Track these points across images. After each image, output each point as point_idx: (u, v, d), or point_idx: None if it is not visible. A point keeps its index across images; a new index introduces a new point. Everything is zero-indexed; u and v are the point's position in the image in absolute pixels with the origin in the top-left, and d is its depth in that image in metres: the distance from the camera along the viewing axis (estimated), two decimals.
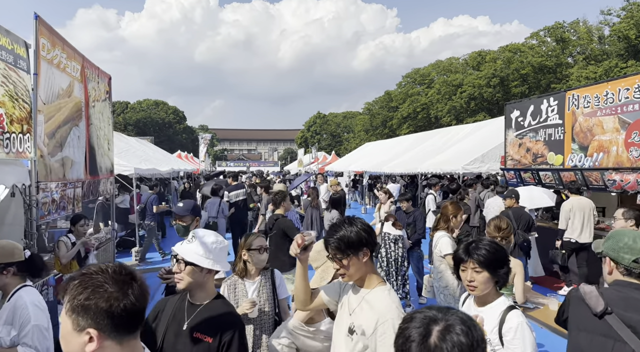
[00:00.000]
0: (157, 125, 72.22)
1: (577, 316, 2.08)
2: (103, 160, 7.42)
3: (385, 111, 51.36)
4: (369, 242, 1.92)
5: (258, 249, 2.95)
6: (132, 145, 15.92)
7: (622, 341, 1.89)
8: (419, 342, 1.05)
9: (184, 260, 1.96)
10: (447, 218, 4.29)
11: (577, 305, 2.09)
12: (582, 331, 2.04)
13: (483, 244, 2.14)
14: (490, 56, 43.83)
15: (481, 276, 2.09)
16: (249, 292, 2.97)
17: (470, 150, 11.77)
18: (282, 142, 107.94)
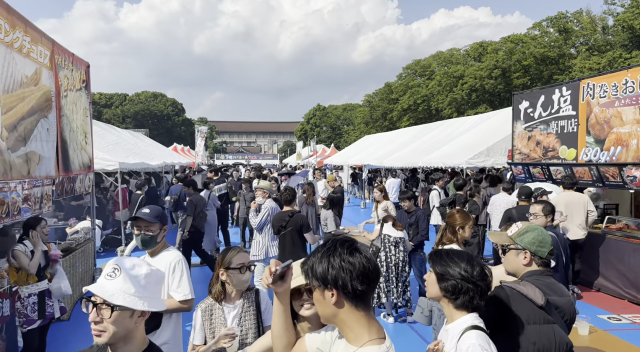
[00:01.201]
0: (155, 117, 71.67)
1: (524, 311, 2.17)
2: (79, 154, 6.88)
3: (385, 103, 50.72)
4: (338, 284, 1.35)
5: (239, 267, 2.43)
6: (124, 138, 15.38)
7: (555, 323, 2.15)
8: None
9: (106, 303, 1.41)
10: (454, 230, 3.70)
11: (519, 301, 2.19)
12: (531, 323, 2.16)
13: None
14: (492, 47, 43.14)
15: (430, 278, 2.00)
16: (229, 319, 2.46)
17: (474, 143, 11.23)
18: (282, 135, 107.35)
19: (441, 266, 1.95)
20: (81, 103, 7.26)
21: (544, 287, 2.26)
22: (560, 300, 2.28)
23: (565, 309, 2.28)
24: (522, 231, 2.46)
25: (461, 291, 1.87)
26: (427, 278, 2.05)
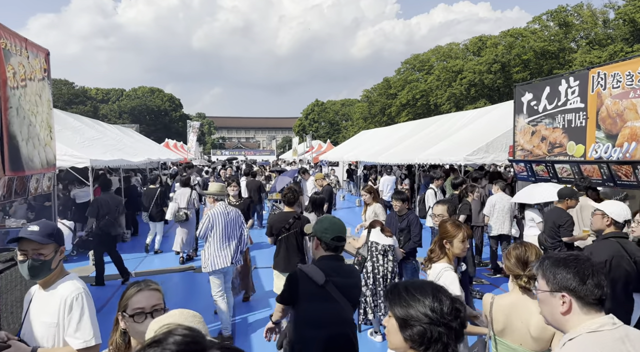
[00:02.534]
0: (152, 113, 71.10)
1: (306, 290, 2.45)
2: (41, 151, 6.25)
3: (384, 98, 50.10)
4: None
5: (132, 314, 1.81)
6: (108, 134, 14.72)
7: (335, 301, 2.47)
8: None
9: None
10: (442, 244, 3.12)
11: (304, 281, 2.47)
12: (311, 301, 2.46)
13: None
14: (492, 41, 42.49)
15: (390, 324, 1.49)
16: None
17: (473, 138, 10.60)
18: (281, 130, 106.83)
19: (401, 307, 1.41)
20: (45, 95, 6.62)
21: (330, 269, 2.56)
22: (344, 281, 2.57)
23: (348, 289, 2.58)
24: (317, 220, 2.87)
25: (431, 339, 1.38)
26: (386, 324, 1.49)
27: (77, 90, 63.67)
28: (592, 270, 1.59)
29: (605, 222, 3.55)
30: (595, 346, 1.49)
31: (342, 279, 2.59)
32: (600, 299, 1.59)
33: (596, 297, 1.58)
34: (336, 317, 2.50)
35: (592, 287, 1.58)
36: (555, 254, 1.74)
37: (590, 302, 1.58)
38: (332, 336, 2.49)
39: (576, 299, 1.59)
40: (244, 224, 5.32)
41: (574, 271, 1.60)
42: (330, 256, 2.70)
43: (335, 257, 2.70)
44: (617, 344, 1.50)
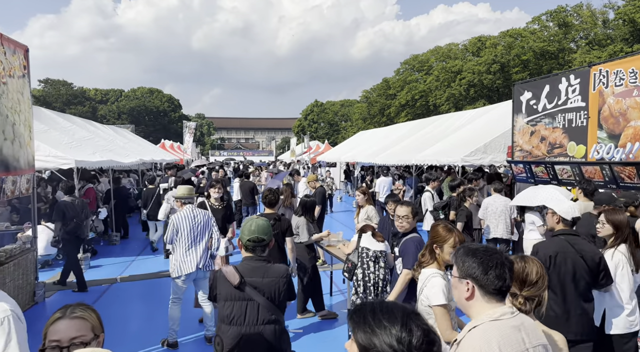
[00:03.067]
0: (151, 113, 70.93)
1: (223, 289, 2.69)
2: (25, 152, 6.01)
3: (383, 99, 49.89)
4: None
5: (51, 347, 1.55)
6: (99, 134, 14.48)
7: (252, 300, 2.66)
8: None
9: None
10: (432, 249, 2.93)
11: (222, 281, 2.70)
12: (228, 300, 2.68)
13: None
14: (491, 42, 42.29)
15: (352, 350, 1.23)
16: None
17: (471, 139, 10.35)
18: (280, 131, 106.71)
19: (365, 333, 1.18)
20: (26, 93, 6.37)
21: (247, 270, 2.71)
22: (260, 281, 2.70)
23: (265, 288, 2.69)
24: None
25: None
26: (348, 349, 1.24)
27: (76, 91, 63.44)
28: (497, 262, 1.68)
29: (555, 220, 3.60)
30: (496, 332, 1.62)
31: (260, 279, 2.71)
32: (501, 290, 1.69)
33: (496, 288, 1.69)
34: (253, 316, 2.65)
35: (494, 278, 1.67)
36: (471, 244, 1.84)
37: (490, 292, 1.69)
38: (247, 334, 2.64)
39: (478, 287, 1.71)
40: (214, 227, 5.08)
41: (479, 261, 1.70)
42: (249, 257, 2.80)
43: (255, 258, 2.79)
44: (514, 331, 1.65)
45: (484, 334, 1.63)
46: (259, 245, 2.79)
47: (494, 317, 1.67)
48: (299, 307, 5.71)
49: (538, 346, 1.70)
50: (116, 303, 6.37)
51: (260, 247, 2.80)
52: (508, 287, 1.73)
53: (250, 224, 2.83)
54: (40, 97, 58.06)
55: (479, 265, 1.70)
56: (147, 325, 5.52)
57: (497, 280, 1.68)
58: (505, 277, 1.69)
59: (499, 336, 1.62)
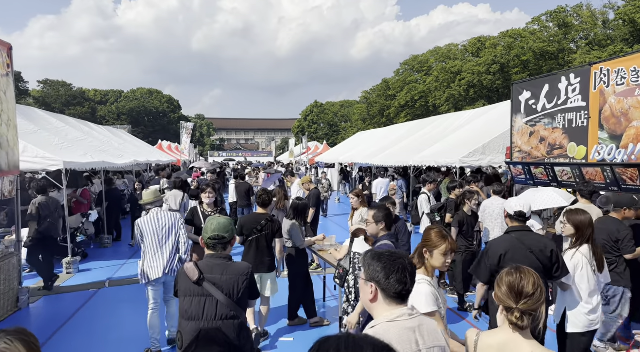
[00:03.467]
0: (151, 114, 70.85)
1: (184, 286, 2.79)
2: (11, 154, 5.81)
3: (383, 100, 49.74)
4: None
5: None
6: (93, 135, 14.31)
7: (211, 296, 2.72)
8: None
9: None
10: (421, 253, 2.76)
11: (183, 277, 2.80)
12: (187, 296, 2.76)
13: None
14: (491, 42, 42.15)
15: None
16: None
17: (469, 140, 10.18)
18: (280, 132, 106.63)
19: None
20: (11, 92, 6.18)
21: (207, 267, 2.78)
22: (219, 278, 2.75)
23: (224, 285, 2.74)
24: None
25: None
26: None
27: (75, 91, 63.28)
28: (399, 268, 1.78)
29: (506, 217, 3.68)
30: (389, 333, 1.70)
31: (219, 276, 2.77)
32: (401, 294, 1.78)
33: (397, 292, 1.78)
34: (211, 312, 2.72)
35: (395, 282, 1.77)
36: (379, 249, 1.99)
37: (391, 295, 1.78)
38: (205, 329, 2.71)
39: (381, 290, 1.79)
40: (181, 229, 4.88)
41: (383, 265, 1.79)
42: (211, 254, 2.86)
43: (216, 256, 2.84)
44: (408, 332, 1.73)
45: (386, 334, 1.69)
46: (219, 243, 2.85)
47: (390, 318, 1.76)
48: (290, 313, 5.52)
49: (434, 347, 1.76)
50: (101, 310, 6.18)
51: (221, 245, 2.85)
52: (408, 291, 1.82)
53: (212, 223, 2.87)
54: (39, 98, 57.92)
55: (382, 269, 1.79)
56: (131, 333, 5.32)
57: (398, 284, 1.77)
58: (406, 281, 1.78)
59: (389, 336, 1.68)
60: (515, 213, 3.60)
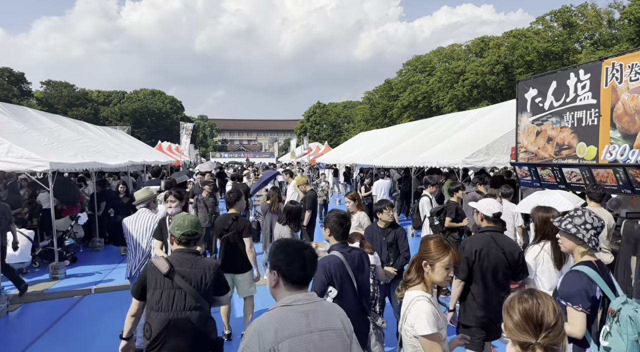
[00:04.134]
0: (154, 115, 70.79)
1: (153, 278, 2.87)
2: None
3: (386, 100, 49.41)
4: None
5: None
6: (88, 135, 14.03)
7: (180, 288, 2.84)
8: None
9: None
10: (420, 267, 2.42)
11: (152, 270, 2.89)
12: (157, 288, 2.84)
13: None
14: (494, 42, 41.76)
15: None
16: None
17: (473, 140, 9.83)
18: (283, 133, 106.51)
19: None
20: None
21: (177, 261, 2.91)
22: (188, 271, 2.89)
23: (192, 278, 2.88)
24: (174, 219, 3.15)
25: None
26: None
27: (78, 92, 63.22)
28: (300, 256, 1.89)
29: (479, 218, 3.84)
30: (278, 316, 1.78)
31: (188, 269, 2.89)
32: (301, 280, 1.88)
33: (297, 278, 1.88)
34: (180, 303, 2.83)
35: (295, 269, 1.87)
36: (285, 239, 2.05)
37: (292, 281, 1.87)
38: (174, 319, 2.81)
39: (282, 278, 1.88)
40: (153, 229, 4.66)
41: (285, 254, 1.89)
42: (181, 249, 3.00)
43: (186, 251, 2.99)
44: (300, 316, 1.80)
45: (268, 317, 1.79)
46: (192, 238, 3.01)
47: (286, 303, 1.83)
48: None
49: (327, 330, 1.82)
50: (84, 318, 5.86)
51: (193, 240, 3.03)
52: (309, 277, 1.91)
53: (183, 220, 3.02)
54: (42, 99, 57.87)
55: (285, 258, 1.89)
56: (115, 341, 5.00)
57: (299, 271, 1.87)
58: (305, 268, 1.88)
59: (280, 320, 1.77)
60: (493, 215, 3.75)
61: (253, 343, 1.71)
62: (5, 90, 47.96)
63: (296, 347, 1.72)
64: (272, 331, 1.71)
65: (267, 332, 1.72)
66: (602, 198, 5.36)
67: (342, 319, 1.93)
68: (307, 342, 1.75)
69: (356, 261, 3.23)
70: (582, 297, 2.51)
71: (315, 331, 1.79)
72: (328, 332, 1.82)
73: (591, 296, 2.52)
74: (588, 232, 2.63)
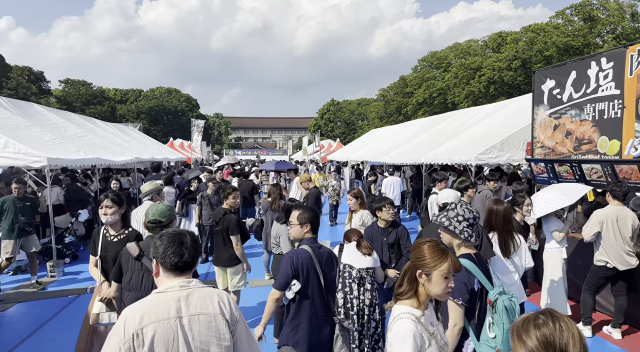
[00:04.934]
0: (169, 113, 71.31)
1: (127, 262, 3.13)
2: None
3: (400, 97, 48.75)
4: None
5: None
6: (96, 131, 13.97)
7: (148, 270, 3.01)
8: None
9: None
10: (413, 277, 2.04)
11: (126, 255, 3.14)
12: (129, 270, 3.11)
13: None
14: (512, 37, 40.77)
15: None
16: None
17: (486, 135, 9.39)
18: (297, 130, 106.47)
19: None
20: None
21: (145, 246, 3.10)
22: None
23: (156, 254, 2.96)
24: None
25: None
26: None
27: (95, 91, 64.06)
28: (175, 242, 1.95)
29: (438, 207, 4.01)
30: (147, 302, 1.83)
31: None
32: (177, 266, 1.92)
33: (172, 264, 1.92)
34: (148, 284, 3.00)
35: (170, 255, 1.92)
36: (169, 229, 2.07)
37: (168, 268, 1.93)
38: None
39: (161, 265, 1.95)
40: None
41: (160, 242, 1.97)
42: (150, 235, 3.27)
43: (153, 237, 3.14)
44: (171, 301, 1.84)
45: (138, 303, 1.82)
46: (157, 225, 3.25)
47: (160, 290, 1.88)
48: (275, 329, 4.89)
49: (198, 315, 1.83)
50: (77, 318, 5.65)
51: (159, 227, 3.23)
52: (185, 263, 1.91)
53: (151, 209, 3.29)
54: (61, 98, 58.76)
55: (160, 245, 1.93)
56: None
57: (174, 256, 1.89)
58: (181, 253, 1.91)
59: (148, 305, 1.79)
60: (442, 204, 4.08)
61: (119, 328, 1.74)
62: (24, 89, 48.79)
63: (161, 331, 1.75)
64: (138, 316, 1.75)
65: (133, 317, 1.76)
66: (626, 196, 4.93)
67: (222, 305, 1.93)
68: (174, 327, 1.77)
69: (325, 258, 3.14)
70: (462, 290, 2.51)
71: (186, 316, 1.81)
72: (199, 317, 1.83)
73: (469, 288, 2.53)
74: (460, 224, 2.70)
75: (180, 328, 1.78)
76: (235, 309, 1.97)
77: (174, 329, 1.77)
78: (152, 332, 1.73)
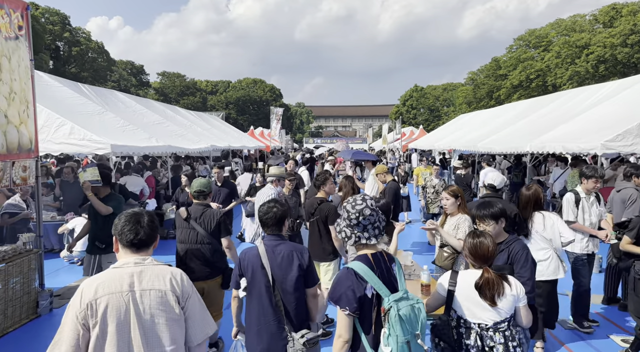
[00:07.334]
0: (255, 103, 73.58)
1: (178, 222, 4.23)
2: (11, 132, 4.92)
3: (492, 80, 45.03)
4: None
5: None
6: (176, 119, 13.94)
7: (194, 228, 4.12)
8: None
9: None
10: None
11: (178, 217, 4.19)
12: (179, 228, 4.16)
13: None
14: (628, 9, 35.42)
15: None
16: None
17: (614, 118, 7.53)
18: (377, 118, 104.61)
19: None
20: (20, 57, 5.15)
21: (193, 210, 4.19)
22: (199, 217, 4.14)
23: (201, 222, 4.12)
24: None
25: None
26: None
27: (188, 82, 68.00)
28: (132, 220, 2.07)
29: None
30: (103, 276, 1.97)
31: (199, 216, 4.11)
32: (132, 243, 2.04)
33: (128, 241, 2.05)
34: (194, 239, 4.06)
35: (126, 232, 2.05)
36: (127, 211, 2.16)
37: (125, 245, 2.06)
38: (189, 249, 4.05)
39: (119, 242, 2.08)
40: None
41: (119, 222, 2.08)
42: (197, 203, 4.22)
43: (199, 204, 4.21)
44: (125, 276, 1.96)
45: (95, 276, 1.98)
46: (201, 194, 4.23)
47: (116, 265, 2.02)
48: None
49: (150, 290, 1.95)
50: None
51: (203, 195, 4.24)
52: (140, 240, 2.05)
53: (195, 181, 4.30)
54: (158, 89, 63.09)
55: (119, 224, 2.08)
56: None
57: (130, 234, 2.03)
58: (136, 231, 2.04)
59: (104, 279, 1.94)
60: (488, 185, 4.54)
61: (76, 299, 1.89)
62: (125, 81, 52.90)
63: (113, 302, 1.87)
64: (94, 288, 1.88)
65: (89, 289, 1.89)
66: None
67: (174, 282, 2.02)
68: (126, 299, 1.89)
69: (280, 258, 2.76)
70: (349, 298, 2.23)
71: (138, 290, 1.92)
72: (150, 292, 1.94)
73: (358, 296, 2.23)
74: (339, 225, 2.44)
75: (132, 301, 1.90)
76: (188, 285, 2.06)
77: (125, 302, 1.89)
78: (105, 303, 1.86)
